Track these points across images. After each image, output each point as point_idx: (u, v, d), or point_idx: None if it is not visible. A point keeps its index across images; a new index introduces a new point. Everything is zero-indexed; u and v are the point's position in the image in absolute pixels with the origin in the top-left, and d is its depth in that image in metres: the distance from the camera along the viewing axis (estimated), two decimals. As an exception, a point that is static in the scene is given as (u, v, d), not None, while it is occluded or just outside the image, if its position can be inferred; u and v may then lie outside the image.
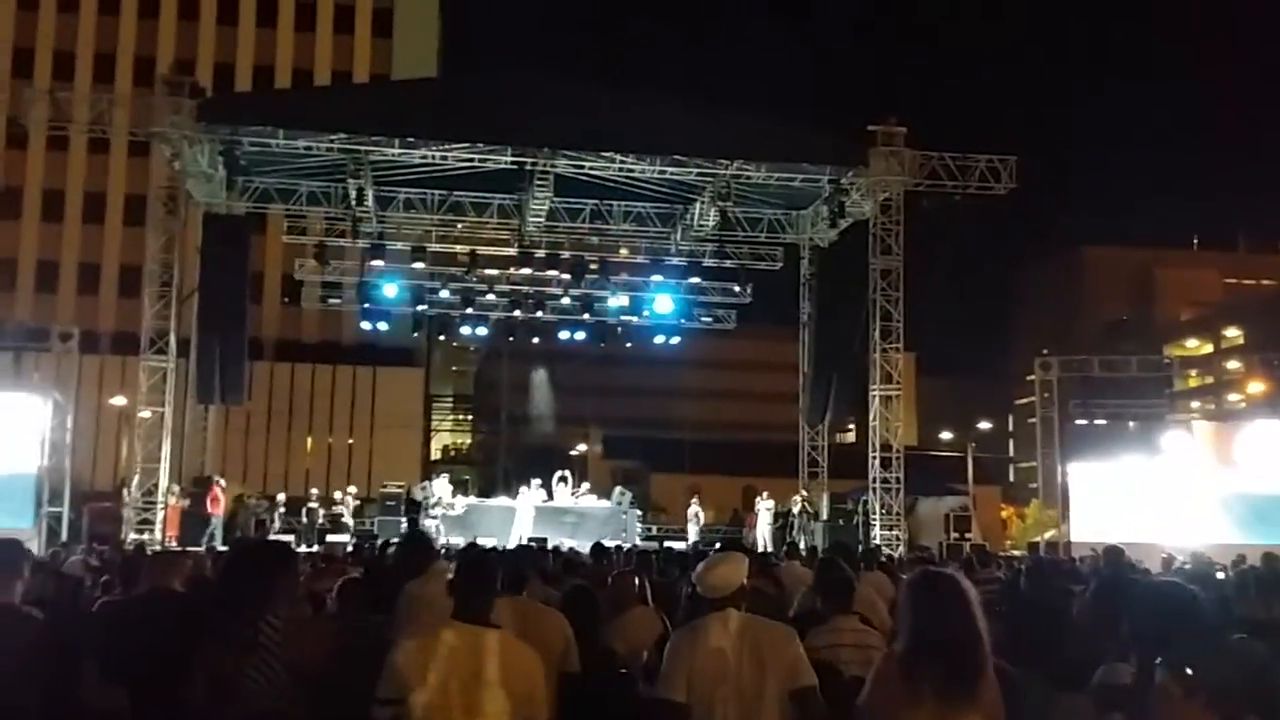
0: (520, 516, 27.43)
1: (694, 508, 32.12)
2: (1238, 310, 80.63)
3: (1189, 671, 3.07)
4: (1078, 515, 29.94)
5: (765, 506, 29.61)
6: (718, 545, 24.11)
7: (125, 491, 25.82)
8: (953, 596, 4.27)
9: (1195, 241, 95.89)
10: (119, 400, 37.58)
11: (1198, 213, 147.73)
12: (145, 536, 23.68)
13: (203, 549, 18.66)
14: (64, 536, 24.38)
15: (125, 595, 7.26)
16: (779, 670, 4.77)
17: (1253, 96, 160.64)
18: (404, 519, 26.85)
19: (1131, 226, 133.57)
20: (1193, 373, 68.15)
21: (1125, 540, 16.93)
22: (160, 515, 24.75)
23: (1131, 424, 32.33)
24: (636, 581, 8.25)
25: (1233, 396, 62.44)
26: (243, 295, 26.65)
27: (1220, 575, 14.03)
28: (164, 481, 25.15)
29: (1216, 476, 29.83)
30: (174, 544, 22.36)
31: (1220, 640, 3.30)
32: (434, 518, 26.82)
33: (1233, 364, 55.25)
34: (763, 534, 28.76)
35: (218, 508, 26.00)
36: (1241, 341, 75.23)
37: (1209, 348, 79.82)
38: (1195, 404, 57.88)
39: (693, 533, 30.65)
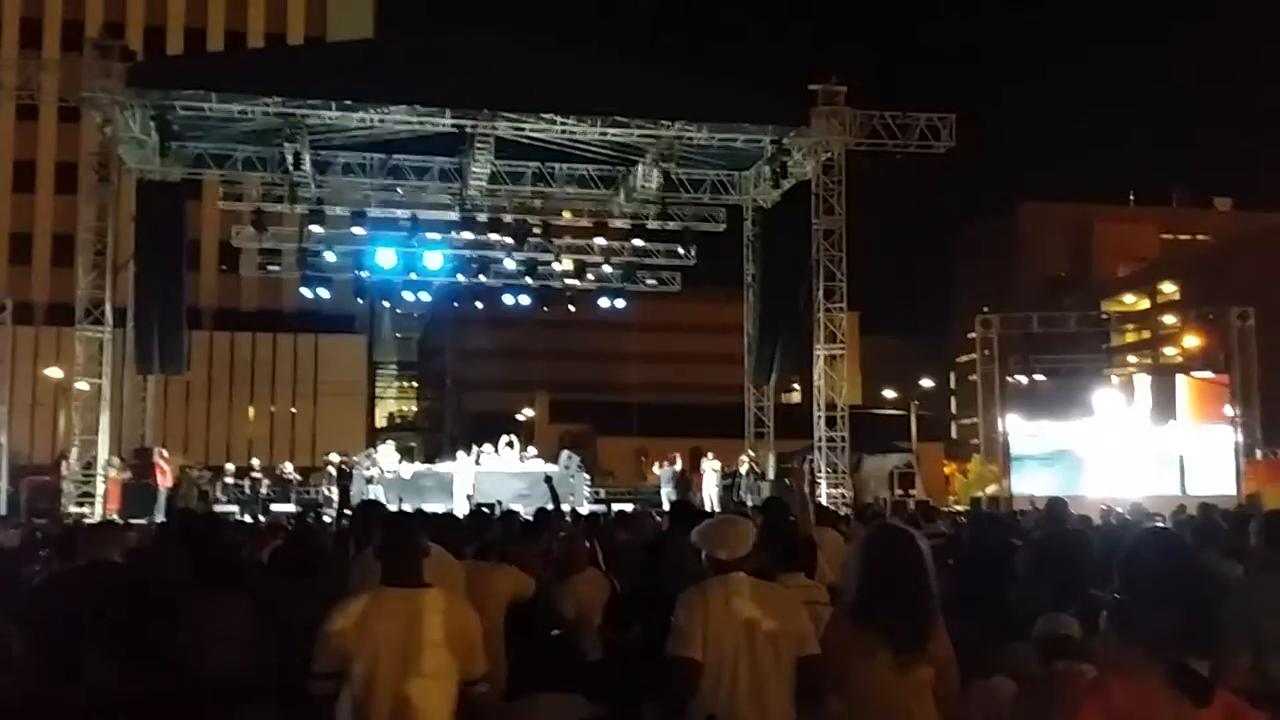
0: (459, 481, 27.38)
1: (667, 468, 31.00)
2: (1173, 265, 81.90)
3: (1127, 620, 3.10)
4: (1018, 470, 30.43)
5: (711, 467, 29.67)
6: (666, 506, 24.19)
7: (64, 464, 25.46)
8: (907, 551, 4.31)
9: (1132, 198, 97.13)
10: (55, 372, 36.96)
11: (1134, 169, 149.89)
12: (85, 510, 23.38)
13: (145, 521, 18.46)
14: (2, 511, 24.04)
15: (63, 568, 7.14)
16: (791, 636, 4.79)
17: (1189, 52, 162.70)
18: (335, 489, 26.77)
19: (1069, 183, 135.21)
20: (1130, 327, 69.25)
21: (1064, 494, 17.24)
22: (101, 488, 24.42)
23: (1071, 379, 32.82)
24: (586, 544, 8.28)
25: (1169, 350, 63.50)
26: (179, 263, 26.26)
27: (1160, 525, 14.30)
28: (103, 454, 24.81)
29: (1155, 430, 30.43)
30: (115, 517, 22.07)
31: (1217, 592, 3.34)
32: (370, 483, 26.63)
33: (1169, 319, 56.12)
34: (709, 494, 28.86)
35: (165, 479, 25.72)
36: (1177, 296, 76.46)
37: (1146, 303, 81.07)
38: (1133, 358, 58.75)
39: (666, 494, 29.20)
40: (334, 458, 29.26)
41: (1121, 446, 29.51)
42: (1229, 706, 2.95)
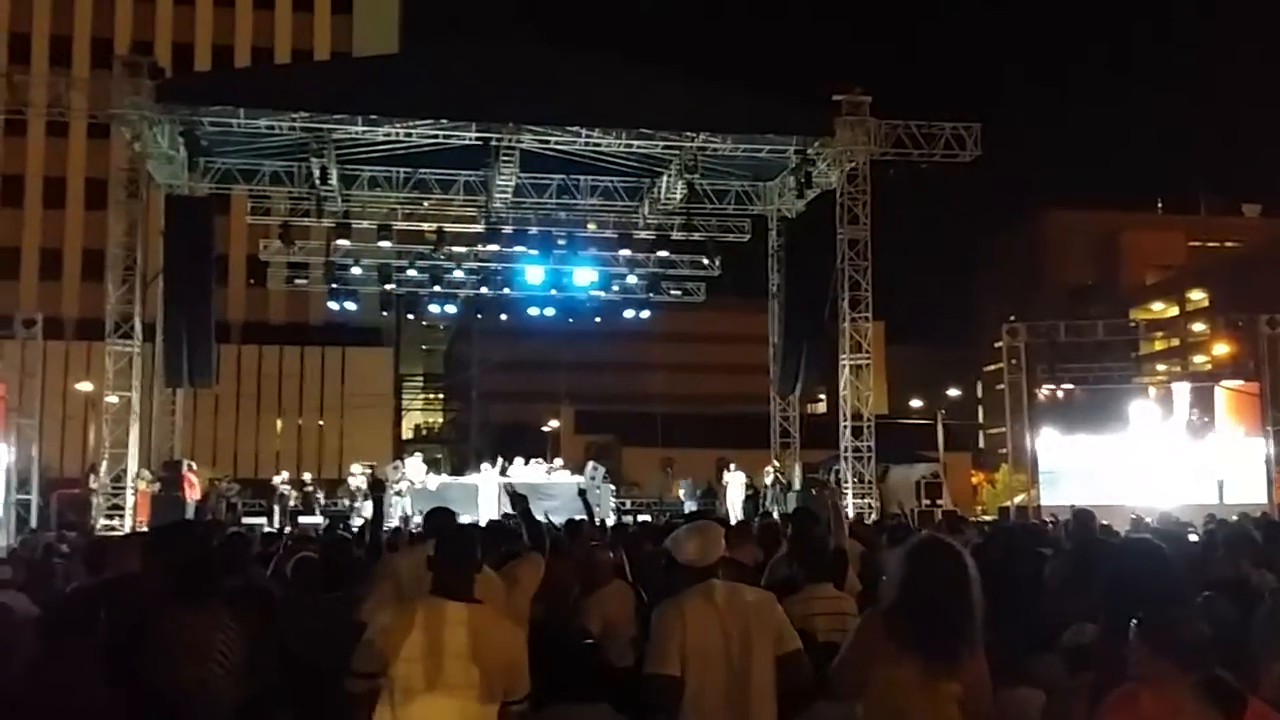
0: (484, 493, 27.44)
1: (687, 483, 31.07)
2: (1202, 272, 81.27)
3: (1157, 631, 3.09)
4: (1047, 480, 30.20)
5: (733, 479, 29.53)
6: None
7: (93, 477, 25.64)
8: (952, 565, 4.28)
9: (1159, 205, 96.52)
10: (85, 386, 37.26)
11: (1161, 176, 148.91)
12: (115, 522, 23.54)
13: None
14: (33, 524, 24.21)
15: (91, 580, 7.19)
16: (766, 636, 4.78)
17: (1216, 59, 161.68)
18: (369, 500, 26.79)
19: (1096, 191, 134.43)
20: (1158, 335, 68.72)
21: (1094, 503, 17.12)
22: (130, 501, 24.58)
23: (1103, 391, 32.54)
24: (612, 555, 8.26)
25: (1198, 358, 62.99)
26: (208, 277, 26.42)
27: (1192, 536, 14.17)
28: (133, 466, 24.97)
29: (1191, 441, 30.10)
30: (145, 529, 22.21)
31: (1189, 599, 3.33)
32: (400, 495, 26.75)
33: (1198, 326, 55.63)
34: (733, 505, 28.74)
35: (194, 491, 25.89)
36: (1206, 304, 75.86)
37: (1174, 310, 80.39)
38: (1162, 366, 58.30)
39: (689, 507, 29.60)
40: (357, 469, 29.35)
41: (1156, 457, 29.24)
42: (1260, 716, 2.93)
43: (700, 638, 4.72)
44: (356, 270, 30.19)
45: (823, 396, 44.55)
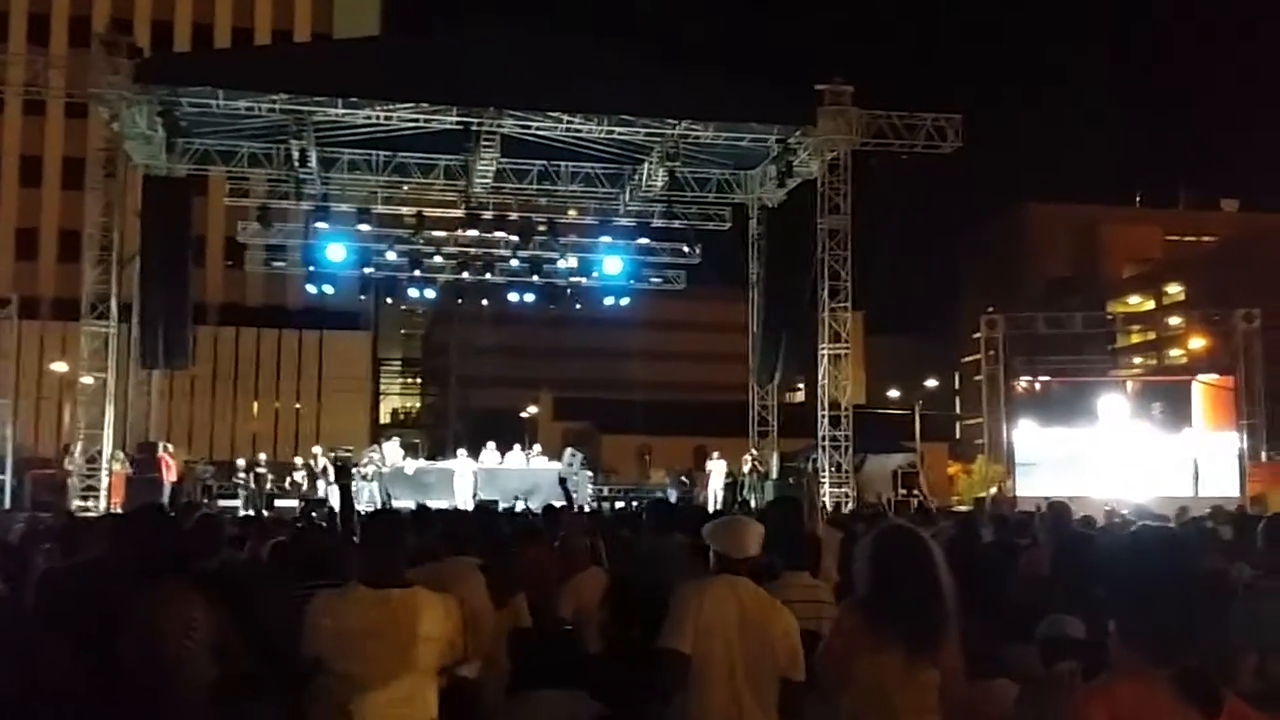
0: (460, 478, 27.39)
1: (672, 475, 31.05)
2: (1179, 266, 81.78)
3: (1129, 622, 3.08)
4: (1023, 471, 30.36)
5: (715, 468, 29.64)
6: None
7: (67, 458, 25.50)
8: (919, 552, 4.31)
9: (1138, 199, 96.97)
10: (60, 366, 37.02)
11: (1140, 170, 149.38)
12: (90, 504, 23.41)
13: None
14: (7, 504, 24.10)
15: (66, 562, 7.14)
16: (780, 655, 4.79)
17: (1195, 54, 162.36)
18: (335, 485, 26.68)
19: (1075, 184, 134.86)
20: (1135, 329, 69.17)
21: (1069, 495, 17.21)
22: (105, 482, 24.45)
23: (1080, 384, 32.71)
24: (588, 543, 8.28)
25: (1174, 352, 63.42)
26: (185, 259, 26.26)
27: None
28: (108, 448, 24.84)
29: (1166, 436, 30.27)
30: (120, 511, 22.08)
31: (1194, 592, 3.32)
32: (366, 480, 26.52)
33: (1174, 320, 55.98)
34: (714, 493, 28.83)
35: (170, 473, 25.75)
36: (1183, 298, 76.36)
37: (1151, 304, 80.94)
38: (1137, 360, 58.73)
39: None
40: (317, 451, 29.06)
41: (1131, 450, 29.42)
42: (1237, 714, 2.91)
43: (714, 621, 4.75)
44: (334, 253, 29.99)
45: (801, 385, 44.55)
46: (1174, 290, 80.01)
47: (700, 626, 4.73)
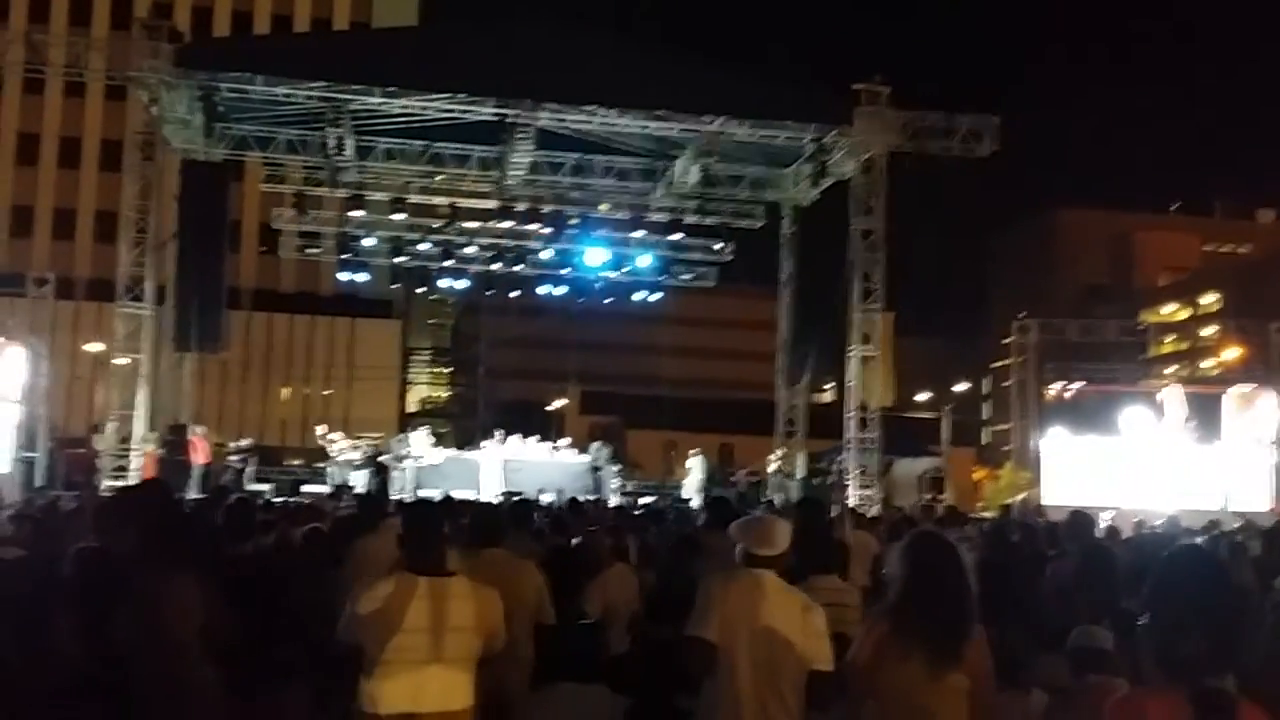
0: (486, 469, 27.45)
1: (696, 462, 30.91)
2: (1215, 276, 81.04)
3: (1151, 637, 3.08)
4: (1051, 478, 30.14)
5: (694, 464, 29.38)
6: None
7: (96, 436, 25.69)
8: (949, 559, 4.31)
9: (1174, 207, 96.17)
10: (95, 346, 37.32)
11: (1177, 179, 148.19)
12: (120, 484, 23.58)
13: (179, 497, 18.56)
14: (40, 481, 24.33)
15: (100, 542, 7.20)
16: (805, 645, 4.79)
17: (1233, 63, 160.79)
18: (369, 472, 26.83)
19: (1110, 191, 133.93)
20: (1169, 338, 68.60)
21: (1097, 504, 17.10)
22: (137, 463, 24.64)
23: (1111, 392, 32.46)
24: (610, 540, 8.29)
25: (1208, 362, 62.83)
26: (220, 243, 26.43)
27: (1198, 540, 14.17)
28: (139, 429, 25.03)
29: (1198, 446, 29.94)
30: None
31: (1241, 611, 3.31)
32: (400, 470, 26.71)
33: (1208, 330, 55.56)
34: (691, 490, 28.40)
35: (199, 456, 25.92)
36: (1218, 308, 75.68)
37: (1186, 313, 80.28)
38: (1171, 369, 58.15)
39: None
40: (336, 438, 29.11)
41: (1161, 461, 29.12)
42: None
43: (738, 612, 4.77)
44: (369, 242, 30.15)
45: (830, 386, 44.47)
46: (1209, 300, 79.33)
47: (725, 616, 4.76)
